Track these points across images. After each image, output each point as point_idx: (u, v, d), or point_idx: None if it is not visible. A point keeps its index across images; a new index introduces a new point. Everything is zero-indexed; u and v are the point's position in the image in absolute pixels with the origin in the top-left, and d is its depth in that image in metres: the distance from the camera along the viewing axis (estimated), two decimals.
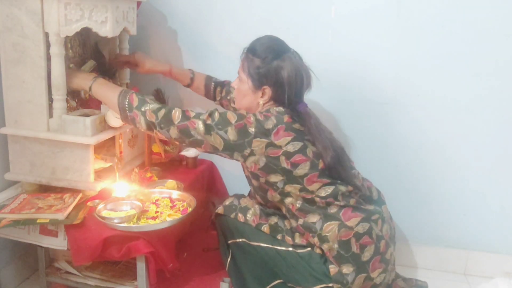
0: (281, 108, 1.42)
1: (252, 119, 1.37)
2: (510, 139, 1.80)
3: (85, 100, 1.66)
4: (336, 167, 1.42)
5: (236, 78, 1.53)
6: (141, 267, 1.40)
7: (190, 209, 1.49)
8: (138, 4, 1.75)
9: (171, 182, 1.68)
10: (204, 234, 1.81)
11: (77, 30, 1.43)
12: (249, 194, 1.66)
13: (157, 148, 1.84)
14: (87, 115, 1.51)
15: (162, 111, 1.37)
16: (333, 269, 1.38)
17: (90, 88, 1.51)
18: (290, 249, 1.43)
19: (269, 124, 1.37)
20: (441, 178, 1.89)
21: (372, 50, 1.82)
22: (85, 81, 1.53)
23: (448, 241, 1.93)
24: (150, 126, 1.38)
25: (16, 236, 1.45)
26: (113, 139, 1.63)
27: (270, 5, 1.87)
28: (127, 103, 1.40)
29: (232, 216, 1.53)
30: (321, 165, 1.41)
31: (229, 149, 1.37)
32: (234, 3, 1.91)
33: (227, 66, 1.96)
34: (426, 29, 1.76)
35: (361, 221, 1.40)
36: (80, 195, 1.49)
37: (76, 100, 1.62)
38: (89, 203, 1.48)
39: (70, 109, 1.56)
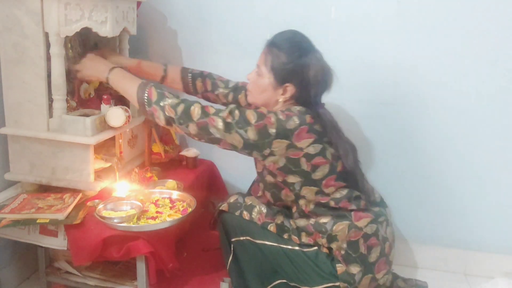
0: (302, 108, 1.38)
1: (273, 119, 1.32)
2: (506, 138, 1.80)
3: (85, 100, 1.66)
4: (354, 172, 1.42)
5: (253, 71, 1.46)
6: (141, 267, 1.40)
7: (190, 209, 1.49)
8: (138, 4, 1.75)
9: (171, 182, 1.68)
10: (204, 234, 1.81)
11: (77, 30, 1.43)
12: (249, 193, 1.65)
13: (157, 148, 1.84)
14: (87, 115, 1.51)
15: (181, 107, 1.34)
16: (340, 268, 1.38)
17: (107, 78, 1.47)
18: (297, 248, 1.42)
19: (291, 125, 1.32)
20: (441, 178, 1.88)
21: (372, 50, 1.82)
22: (102, 72, 1.48)
23: (448, 241, 1.93)
24: (169, 121, 1.36)
25: (16, 236, 1.45)
26: (113, 139, 1.63)
27: (270, 5, 1.87)
28: (146, 97, 1.37)
29: (237, 213, 1.51)
30: (339, 167, 1.40)
31: (249, 148, 1.34)
32: (234, 3, 1.91)
33: (227, 66, 1.96)
34: (427, 28, 1.76)
35: (370, 222, 1.41)
36: (80, 195, 1.49)
37: (76, 100, 1.62)
38: (89, 203, 1.48)
39: (70, 109, 1.56)
